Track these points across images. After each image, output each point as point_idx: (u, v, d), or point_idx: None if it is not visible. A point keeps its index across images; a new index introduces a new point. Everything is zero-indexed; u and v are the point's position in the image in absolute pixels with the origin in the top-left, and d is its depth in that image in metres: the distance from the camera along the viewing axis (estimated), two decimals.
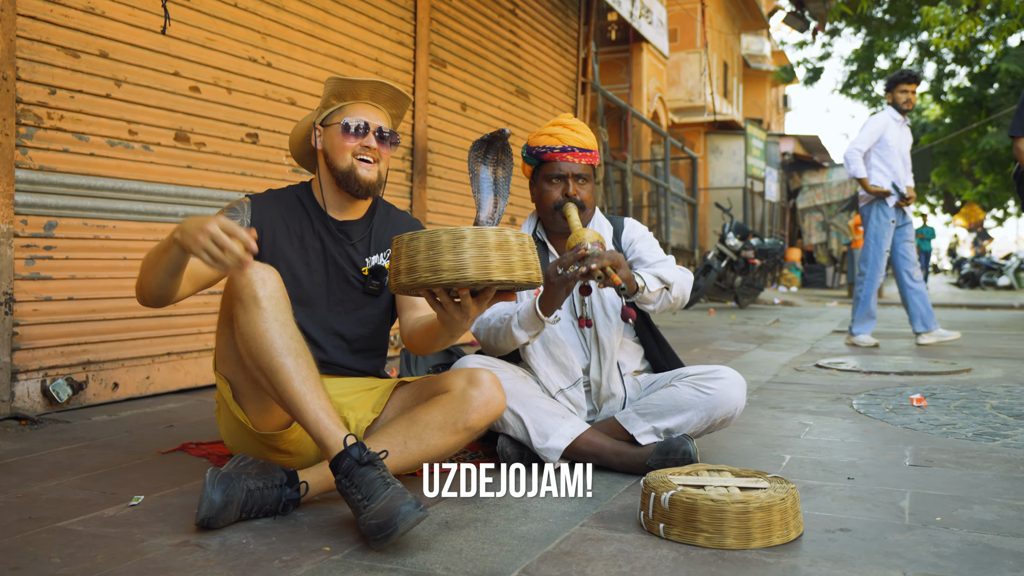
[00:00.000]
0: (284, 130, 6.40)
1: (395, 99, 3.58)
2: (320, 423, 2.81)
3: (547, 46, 11.01)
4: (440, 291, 2.76)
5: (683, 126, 28.37)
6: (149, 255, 3.06)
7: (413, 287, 2.70)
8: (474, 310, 2.83)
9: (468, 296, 2.78)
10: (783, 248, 19.14)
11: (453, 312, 2.83)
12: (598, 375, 3.83)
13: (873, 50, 30.26)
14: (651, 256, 3.96)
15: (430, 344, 3.24)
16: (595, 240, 3.42)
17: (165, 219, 5.48)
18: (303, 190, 3.60)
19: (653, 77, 24.10)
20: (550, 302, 3.49)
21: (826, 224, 34.26)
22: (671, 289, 3.67)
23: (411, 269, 2.68)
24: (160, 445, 4.08)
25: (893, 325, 12.88)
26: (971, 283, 33.73)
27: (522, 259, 2.71)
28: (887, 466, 3.79)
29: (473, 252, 2.63)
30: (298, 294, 3.41)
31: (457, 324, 2.91)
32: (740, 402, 3.68)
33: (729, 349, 9.07)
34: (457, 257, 2.63)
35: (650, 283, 3.59)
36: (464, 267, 2.62)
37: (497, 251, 2.66)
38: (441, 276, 2.63)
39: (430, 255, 2.65)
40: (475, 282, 2.64)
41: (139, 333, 5.39)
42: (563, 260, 3.39)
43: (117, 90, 5.17)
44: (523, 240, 2.75)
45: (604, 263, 3.29)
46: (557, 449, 3.55)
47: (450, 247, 2.64)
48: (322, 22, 6.85)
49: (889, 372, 7.05)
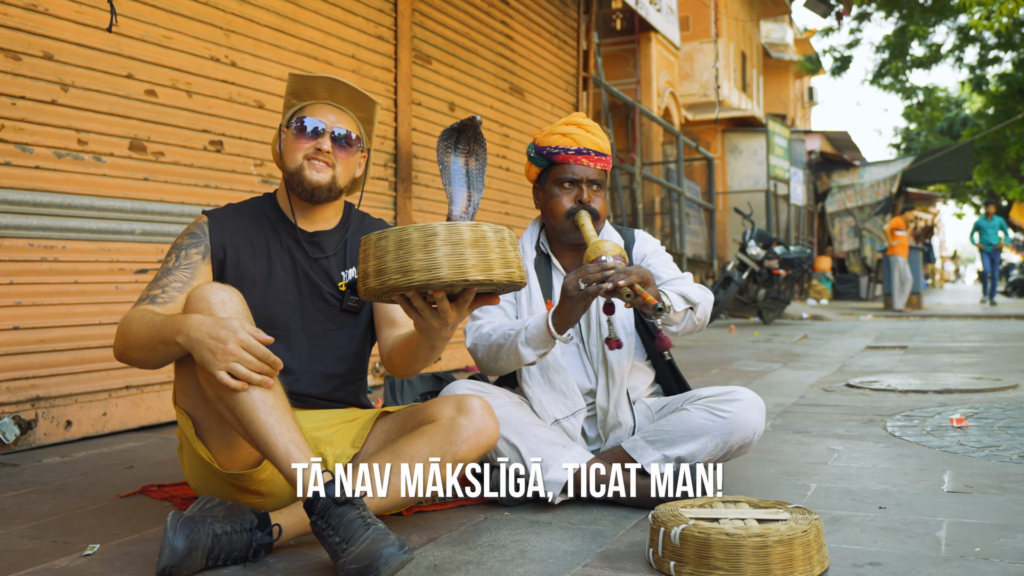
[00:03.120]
0: (251, 136, 6.42)
1: (355, 99, 3.57)
2: (291, 459, 2.80)
3: (544, 38, 11.05)
4: (414, 295, 2.76)
5: (698, 124, 28.32)
6: (137, 328, 3.07)
7: (383, 291, 2.70)
8: (453, 315, 2.83)
9: (445, 299, 2.78)
10: (811, 257, 19.16)
11: (430, 318, 2.84)
12: (605, 402, 3.83)
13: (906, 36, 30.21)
14: (667, 273, 3.95)
15: (411, 361, 3.24)
16: (617, 253, 3.43)
17: (120, 238, 5.50)
18: (267, 201, 3.60)
19: (663, 70, 24.12)
20: (565, 318, 3.50)
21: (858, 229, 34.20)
22: (696, 310, 3.68)
23: (380, 271, 2.68)
24: (118, 488, 4.08)
25: (933, 339, 12.88)
26: (1020, 291, 33.71)
27: (501, 256, 2.71)
28: (923, 493, 3.79)
29: (447, 250, 2.63)
30: (268, 317, 3.40)
31: (436, 332, 2.92)
32: (759, 426, 3.69)
33: (751, 369, 9.08)
34: (429, 256, 2.62)
35: (676, 303, 3.59)
36: (437, 267, 2.62)
37: (473, 248, 2.66)
38: (412, 278, 2.63)
39: (400, 255, 2.65)
40: (450, 283, 2.64)
41: (94, 365, 5.38)
42: (585, 273, 3.39)
43: (64, 95, 5.19)
44: (502, 235, 2.75)
45: (633, 279, 3.29)
46: (558, 482, 3.55)
47: (421, 245, 2.63)
48: (291, 16, 6.87)
49: (927, 390, 7.05)
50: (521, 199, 10.20)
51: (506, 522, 3.41)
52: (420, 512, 3.53)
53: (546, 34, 11.12)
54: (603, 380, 3.83)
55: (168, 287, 3.26)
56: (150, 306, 3.16)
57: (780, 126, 29.88)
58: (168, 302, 3.21)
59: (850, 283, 30.91)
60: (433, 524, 3.37)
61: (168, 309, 3.18)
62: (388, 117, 8.04)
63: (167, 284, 3.27)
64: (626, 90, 21.53)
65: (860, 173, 34.19)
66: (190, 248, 3.38)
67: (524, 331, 3.60)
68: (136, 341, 3.07)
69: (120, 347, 3.16)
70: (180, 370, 3.13)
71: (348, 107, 3.57)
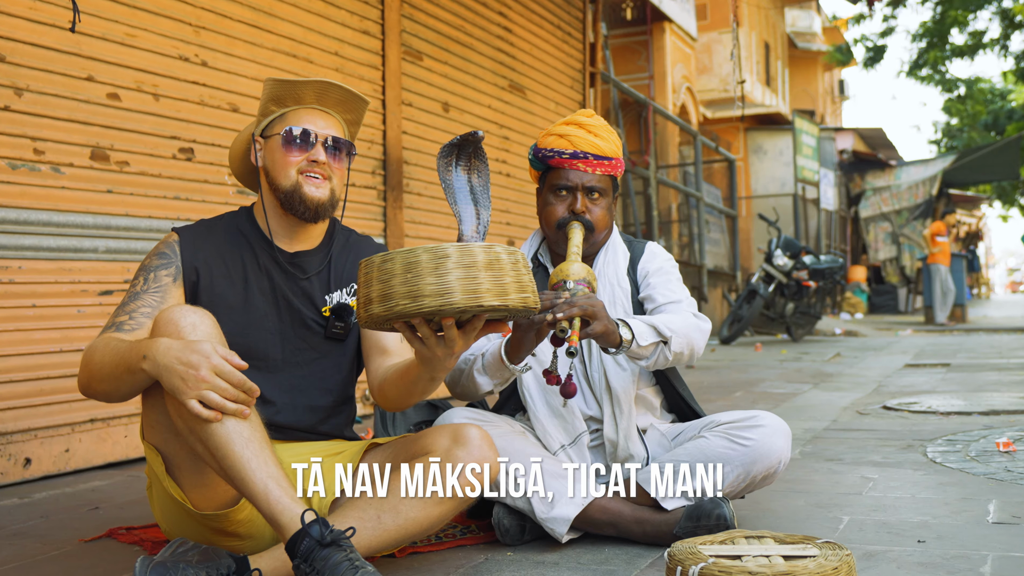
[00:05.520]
0: (225, 143, 6.39)
1: (347, 101, 3.57)
2: (270, 496, 2.80)
3: (546, 30, 11.08)
4: (420, 322, 2.77)
5: (717, 122, 28.31)
6: (101, 356, 3.07)
7: (388, 318, 2.71)
8: (459, 344, 2.85)
9: (453, 327, 2.79)
10: (843, 267, 19.18)
11: (435, 348, 2.84)
12: (614, 433, 3.81)
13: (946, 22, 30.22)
14: (663, 295, 3.93)
15: (407, 393, 3.24)
16: (581, 278, 3.43)
17: (82, 256, 5.50)
18: (243, 217, 3.59)
19: (679, 64, 24.13)
20: (516, 347, 3.51)
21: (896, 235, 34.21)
22: (670, 343, 3.61)
23: (385, 297, 2.69)
24: (83, 532, 4.08)
25: (978, 355, 12.88)
26: None
27: (516, 280, 2.74)
28: (966, 525, 3.79)
29: (459, 273, 2.65)
30: (246, 346, 3.37)
31: (439, 362, 2.92)
32: (784, 454, 3.68)
33: (779, 391, 9.08)
34: (441, 280, 2.64)
35: (641, 335, 3.55)
36: (450, 292, 2.64)
37: (487, 271, 2.68)
38: (422, 304, 2.64)
39: (408, 279, 2.66)
40: (463, 309, 2.66)
41: (54, 397, 5.37)
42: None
43: (18, 100, 5.19)
44: (516, 258, 2.77)
45: (574, 312, 3.29)
46: (566, 518, 3.54)
47: (431, 268, 2.65)
48: (268, 10, 6.88)
49: (972, 412, 7.06)
50: (524, 207, 10.20)
51: (509, 563, 3.41)
52: (414, 553, 3.53)
53: (548, 26, 11.14)
54: (608, 408, 3.82)
55: (136, 312, 3.25)
56: (116, 333, 3.16)
57: (808, 123, 29.88)
58: (136, 329, 3.20)
59: (887, 295, 30.91)
60: (429, 566, 3.37)
61: (137, 336, 3.17)
62: (376, 119, 8.03)
63: (135, 309, 3.26)
64: (638, 86, 21.54)
65: (897, 174, 34.17)
66: (159, 270, 3.37)
67: (481, 358, 3.62)
68: (100, 371, 3.07)
69: (84, 379, 3.15)
70: (148, 401, 3.11)
71: (336, 109, 3.57)
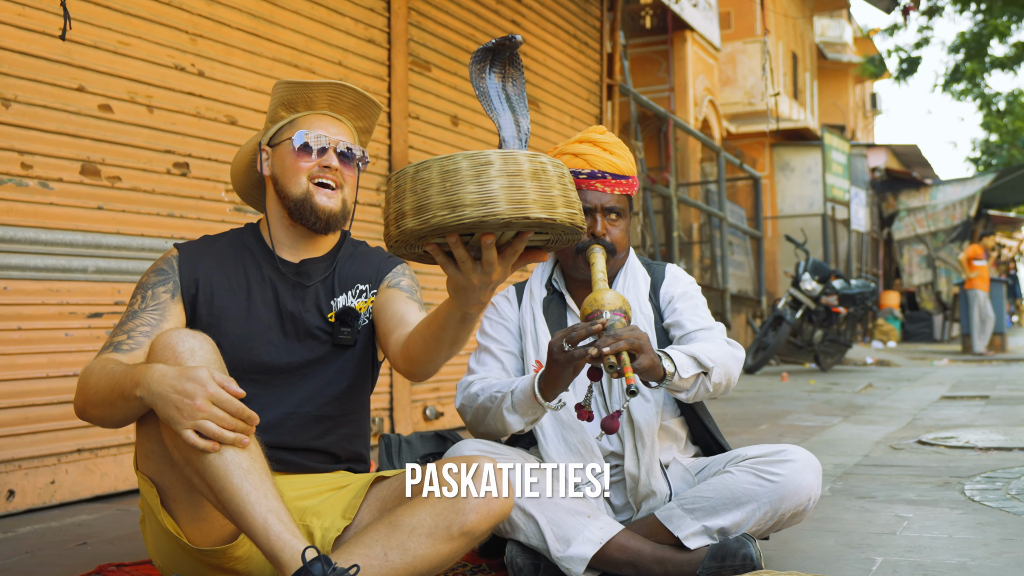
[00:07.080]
0: (222, 157, 6.41)
1: (360, 106, 3.59)
2: (270, 531, 2.80)
3: (561, 40, 11.10)
4: (456, 241, 2.61)
5: (742, 137, 28.28)
6: (96, 380, 3.08)
7: (423, 233, 2.56)
8: (498, 271, 2.69)
9: (492, 248, 2.62)
10: (876, 292, 19.11)
11: (471, 273, 2.68)
12: (635, 468, 3.79)
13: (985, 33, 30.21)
14: (693, 321, 3.91)
15: (434, 342, 3.10)
16: (617, 307, 3.36)
17: (70, 276, 5.51)
18: (248, 232, 3.63)
19: (701, 75, 24.17)
20: (552, 383, 3.44)
21: (931, 259, 34.19)
22: (711, 374, 3.59)
23: (420, 209, 2.54)
24: (70, 569, 4.09)
25: (1019, 387, 12.85)
26: None
27: (563, 195, 2.61)
28: (1007, 567, 3.79)
29: (503, 182, 2.51)
30: (249, 358, 3.42)
31: (475, 293, 2.76)
32: (814, 491, 3.66)
33: (807, 424, 9.07)
34: (483, 189, 2.50)
35: (683, 367, 3.52)
36: (493, 201, 2.49)
37: (533, 181, 2.54)
38: (463, 215, 2.49)
39: (446, 188, 2.51)
40: (507, 221, 2.50)
41: (40, 425, 5.37)
42: (573, 332, 3.33)
43: (5, 112, 5.22)
44: (562, 171, 2.65)
45: (620, 346, 3.23)
46: (583, 558, 3.53)
47: (472, 176, 2.51)
48: (268, 17, 6.89)
49: (1013, 447, 7.05)
50: None
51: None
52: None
53: (564, 35, 11.16)
54: (630, 443, 3.80)
55: (134, 332, 3.27)
56: (114, 354, 3.17)
57: (838, 139, 29.91)
58: (135, 348, 3.22)
59: (922, 322, 30.85)
60: None
61: (135, 357, 3.18)
62: (381, 133, 8.05)
63: (133, 329, 3.28)
64: (658, 99, 21.56)
65: (932, 193, 34.15)
66: (157, 287, 3.39)
67: (510, 395, 3.57)
68: (95, 396, 3.08)
69: (80, 403, 3.17)
70: (142, 430, 3.12)
71: (348, 115, 3.59)
